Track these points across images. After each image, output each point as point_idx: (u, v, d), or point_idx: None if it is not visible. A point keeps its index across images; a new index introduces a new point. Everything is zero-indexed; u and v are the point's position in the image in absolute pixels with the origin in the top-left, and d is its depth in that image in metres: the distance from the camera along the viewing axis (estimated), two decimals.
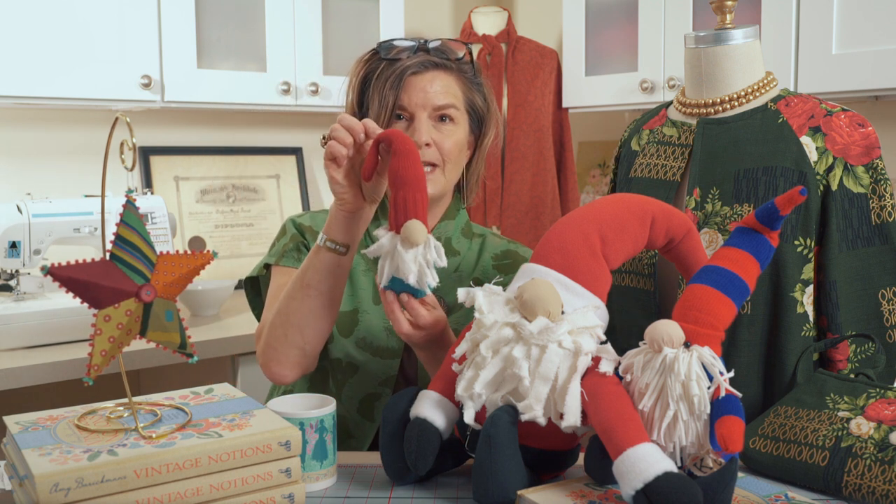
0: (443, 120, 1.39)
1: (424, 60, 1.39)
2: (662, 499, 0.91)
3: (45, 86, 2.08)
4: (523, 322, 1.03)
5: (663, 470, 0.93)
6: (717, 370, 0.98)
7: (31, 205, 1.99)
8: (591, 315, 1.06)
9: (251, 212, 2.71)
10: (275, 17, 2.43)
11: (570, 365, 1.01)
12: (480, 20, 2.84)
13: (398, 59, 1.39)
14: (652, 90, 2.46)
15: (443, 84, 1.39)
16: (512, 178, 2.75)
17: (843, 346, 1.27)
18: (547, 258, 1.10)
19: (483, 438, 1.02)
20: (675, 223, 1.15)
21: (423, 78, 1.38)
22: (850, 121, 1.29)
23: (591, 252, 1.09)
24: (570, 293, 1.07)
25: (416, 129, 1.36)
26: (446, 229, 1.46)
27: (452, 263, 1.45)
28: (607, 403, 0.99)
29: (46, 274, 0.89)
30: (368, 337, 1.41)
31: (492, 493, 1.02)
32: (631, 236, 1.12)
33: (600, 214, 1.12)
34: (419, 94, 1.37)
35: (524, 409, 1.01)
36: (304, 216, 1.49)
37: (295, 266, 1.42)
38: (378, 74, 1.40)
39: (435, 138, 1.38)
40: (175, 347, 1.00)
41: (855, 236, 1.27)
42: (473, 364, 1.05)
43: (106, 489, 0.89)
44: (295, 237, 1.45)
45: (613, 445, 0.97)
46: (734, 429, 0.94)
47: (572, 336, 1.02)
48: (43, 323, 1.94)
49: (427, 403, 1.09)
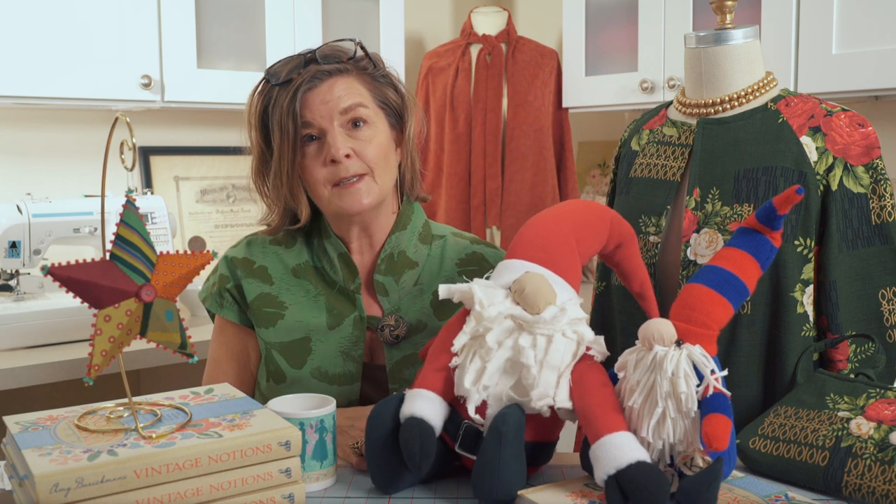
0: (356, 125, 1.29)
1: (316, 72, 1.29)
2: (632, 486, 0.96)
3: (45, 86, 2.08)
4: (526, 314, 1.05)
5: (636, 459, 0.97)
6: (708, 369, 0.99)
7: (31, 205, 1.99)
8: (577, 307, 1.09)
9: (251, 212, 2.71)
10: (275, 17, 2.43)
11: (573, 353, 1.05)
12: (480, 20, 2.84)
13: (290, 80, 1.29)
14: (652, 90, 2.46)
15: (343, 87, 1.29)
16: (512, 178, 2.75)
17: (843, 346, 1.27)
18: (529, 254, 1.13)
19: (492, 435, 1.02)
20: (624, 228, 1.23)
21: (321, 89, 1.28)
22: (850, 121, 1.29)
23: (569, 249, 1.14)
24: (557, 287, 1.10)
25: (331, 144, 1.27)
26: (398, 242, 1.37)
27: (411, 277, 1.37)
28: (591, 391, 1.04)
29: (46, 274, 0.89)
30: (324, 366, 1.34)
31: (496, 491, 1.02)
32: (596, 236, 1.19)
33: (572, 216, 1.17)
34: (320, 107, 1.28)
35: (539, 396, 1.03)
36: (238, 246, 1.42)
37: (217, 311, 1.39)
38: (273, 102, 1.30)
39: (354, 147, 1.28)
40: (175, 347, 1.00)
41: (855, 236, 1.27)
42: (478, 356, 1.06)
43: (106, 489, 0.89)
44: (223, 280, 1.39)
45: (592, 431, 1.01)
46: (719, 427, 0.95)
47: (571, 326, 1.06)
48: (43, 323, 1.94)
49: (420, 402, 1.07)
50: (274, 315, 1.36)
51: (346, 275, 1.36)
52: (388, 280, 1.37)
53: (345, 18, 2.62)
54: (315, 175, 1.30)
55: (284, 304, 1.37)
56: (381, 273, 1.37)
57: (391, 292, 1.36)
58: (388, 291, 1.36)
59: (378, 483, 1.10)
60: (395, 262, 1.37)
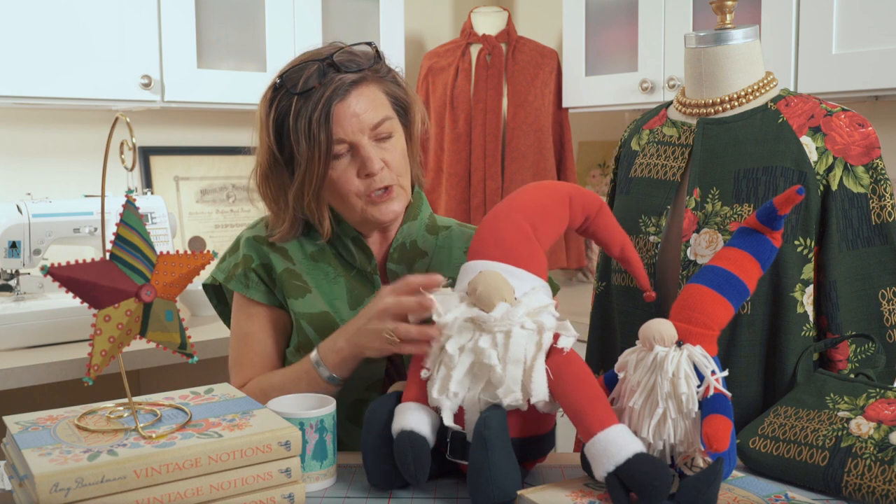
0: (384, 139, 1.30)
1: (342, 83, 1.26)
2: (634, 480, 0.96)
3: (45, 86, 2.08)
4: (482, 314, 1.04)
5: (633, 452, 0.98)
6: (708, 370, 0.99)
7: (31, 205, 1.99)
8: (542, 295, 1.09)
9: (251, 212, 2.71)
10: (275, 17, 2.43)
11: (536, 342, 1.04)
12: (480, 20, 2.84)
13: (311, 88, 1.26)
14: (652, 90, 2.46)
15: (369, 100, 1.29)
16: (512, 178, 2.75)
17: (843, 346, 1.27)
18: (486, 252, 1.13)
19: (477, 441, 1.02)
20: (588, 200, 1.20)
21: (348, 102, 1.27)
22: (850, 121, 1.29)
23: (526, 238, 1.13)
24: (517, 279, 1.09)
25: (366, 158, 1.27)
26: (410, 232, 1.39)
27: (422, 266, 1.39)
28: (574, 385, 1.03)
29: (46, 274, 0.89)
30: None
31: (493, 495, 1.02)
32: (555, 218, 1.17)
33: (524, 203, 1.17)
34: (352, 121, 1.26)
35: (505, 393, 1.03)
36: (258, 226, 1.42)
37: (243, 292, 1.37)
38: (295, 113, 1.26)
39: (384, 158, 1.29)
40: (175, 347, 1.00)
41: (855, 236, 1.27)
42: (443, 365, 1.06)
43: (106, 489, 0.89)
44: (247, 260, 1.37)
45: (584, 428, 1.01)
46: (720, 428, 0.95)
47: (531, 317, 1.05)
48: (43, 323, 1.94)
49: (409, 414, 1.08)
50: (302, 288, 1.36)
51: (361, 257, 1.37)
52: (401, 269, 1.38)
53: (345, 18, 2.62)
54: (347, 187, 1.29)
55: (308, 284, 1.36)
56: (394, 262, 1.38)
57: None
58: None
59: (374, 478, 1.10)
60: (406, 250, 1.39)
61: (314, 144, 1.26)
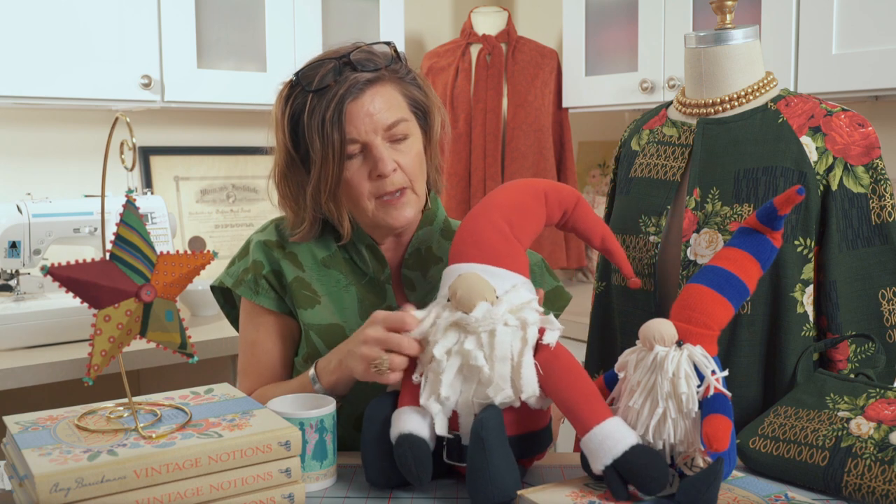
0: (399, 140, 1.28)
1: (356, 82, 1.25)
2: (632, 472, 0.98)
3: (45, 86, 2.08)
4: (464, 316, 1.05)
5: (629, 445, 0.99)
6: (708, 369, 0.99)
7: (31, 205, 1.99)
8: (523, 291, 1.10)
9: (251, 212, 2.71)
10: (275, 17, 2.43)
11: (521, 338, 1.05)
12: (480, 20, 2.84)
13: (326, 86, 1.25)
14: (652, 90, 2.46)
15: (384, 99, 1.27)
16: (512, 177, 2.75)
17: (843, 346, 1.27)
18: (464, 255, 1.13)
19: (474, 442, 1.02)
20: (564, 195, 1.21)
21: (362, 101, 1.25)
22: (850, 121, 1.29)
23: (503, 236, 1.14)
24: (497, 278, 1.10)
25: (379, 158, 1.25)
26: (426, 238, 1.38)
27: (437, 272, 1.34)
28: (565, 381, 1.04)
29: (46, 274, 0.89)
30: None
31: (492, 496, 1.02)
32: (532, 214, 1.18)
33: (500, 202, 1.17)
34: (365, 120, 1.24)
35: (495, 391, 1.03)
36: (268, 230, 1.39)
37: (252, 298, 1.34)
38: (310, 111, 1.25)
39: (397, 159, 1.27)
40: (175, 347, 1.00)
41: (855, 236, 1.27)
42: (431, 370, 1.06)
43: (106, 489, 0.89)
44: (257, 266, 1.35)
45: (579, 423, 1.02)
46: (720, 428, 0.95)
47: (514, 314, 1.06)
48: (43, 323, 1.94)
49: (406, 418, 1.07)
50: (311, 299, 1.34)
51: (374, 266, 1.36)
52: (416, 275, 1.37)
53: (345, 18, 2.62)
54: (359, 188, 1.28)
55: (318, 293, 1.35)
56: (409, 268, 1.37)
57: (419, 287, 1.37)
58: (415, 286, 1.37)
59: (372, 476, 1.10)
60: (421, 256, 1.38)
61: (328, 143, 1.24)
